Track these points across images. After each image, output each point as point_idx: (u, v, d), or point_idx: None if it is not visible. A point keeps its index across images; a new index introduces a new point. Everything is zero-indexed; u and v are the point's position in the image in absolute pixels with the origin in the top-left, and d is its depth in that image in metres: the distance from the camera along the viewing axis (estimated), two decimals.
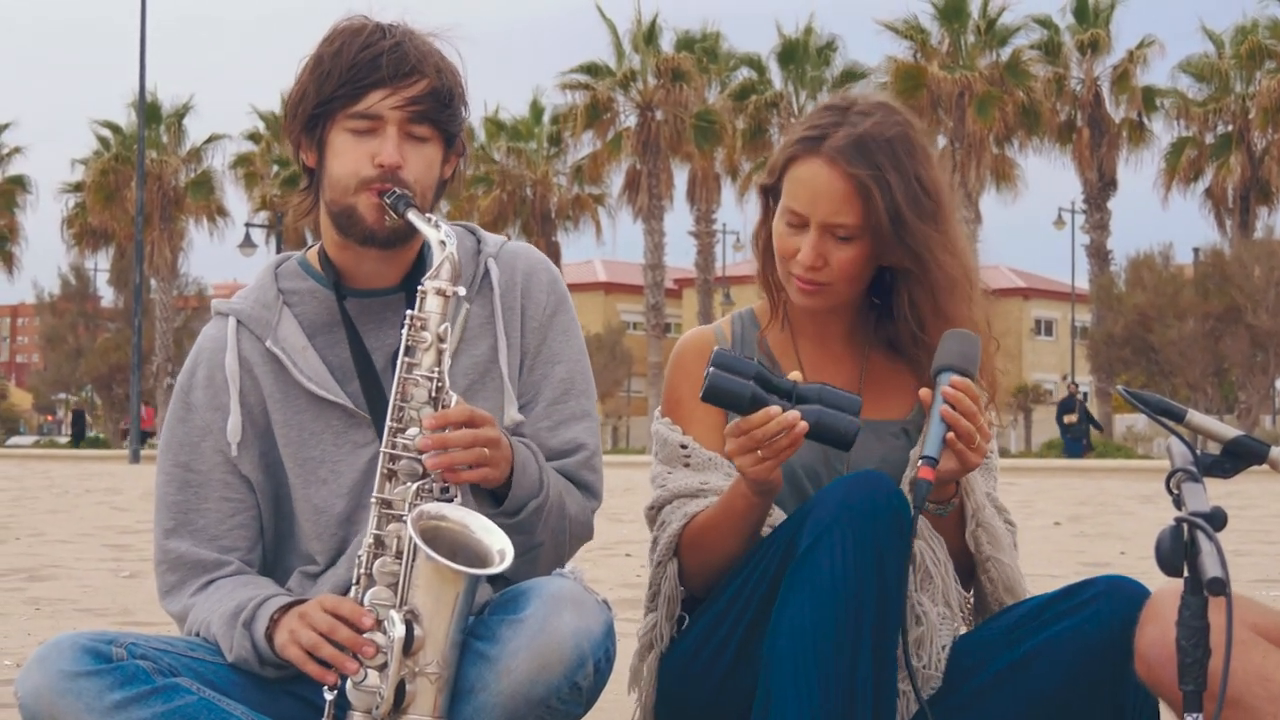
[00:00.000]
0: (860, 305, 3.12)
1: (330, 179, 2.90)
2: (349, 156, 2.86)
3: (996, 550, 3.02)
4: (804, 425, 2.75)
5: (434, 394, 2.74)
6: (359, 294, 2.98)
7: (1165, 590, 2.52)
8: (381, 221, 2.86)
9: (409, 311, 2.76)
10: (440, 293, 2.75)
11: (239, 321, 2.99)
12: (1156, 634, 2.49)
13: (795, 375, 2.83)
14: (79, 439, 55.66)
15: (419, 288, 2.76)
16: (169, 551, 2.95)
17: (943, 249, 2.98)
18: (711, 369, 2.76)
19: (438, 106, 2.88)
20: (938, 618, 2.97)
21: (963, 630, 3.04)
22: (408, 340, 2.75)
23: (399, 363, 2.75)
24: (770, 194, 3.08)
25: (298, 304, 3.00)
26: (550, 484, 2.89)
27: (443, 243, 2.76)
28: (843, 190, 2.94)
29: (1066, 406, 40.42)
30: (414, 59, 2.86)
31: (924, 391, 2.85)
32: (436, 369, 2.74)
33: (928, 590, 2.97)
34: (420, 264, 2.95)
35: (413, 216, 2.80)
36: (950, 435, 2.79)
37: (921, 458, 2.76)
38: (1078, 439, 39.50)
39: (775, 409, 2.76)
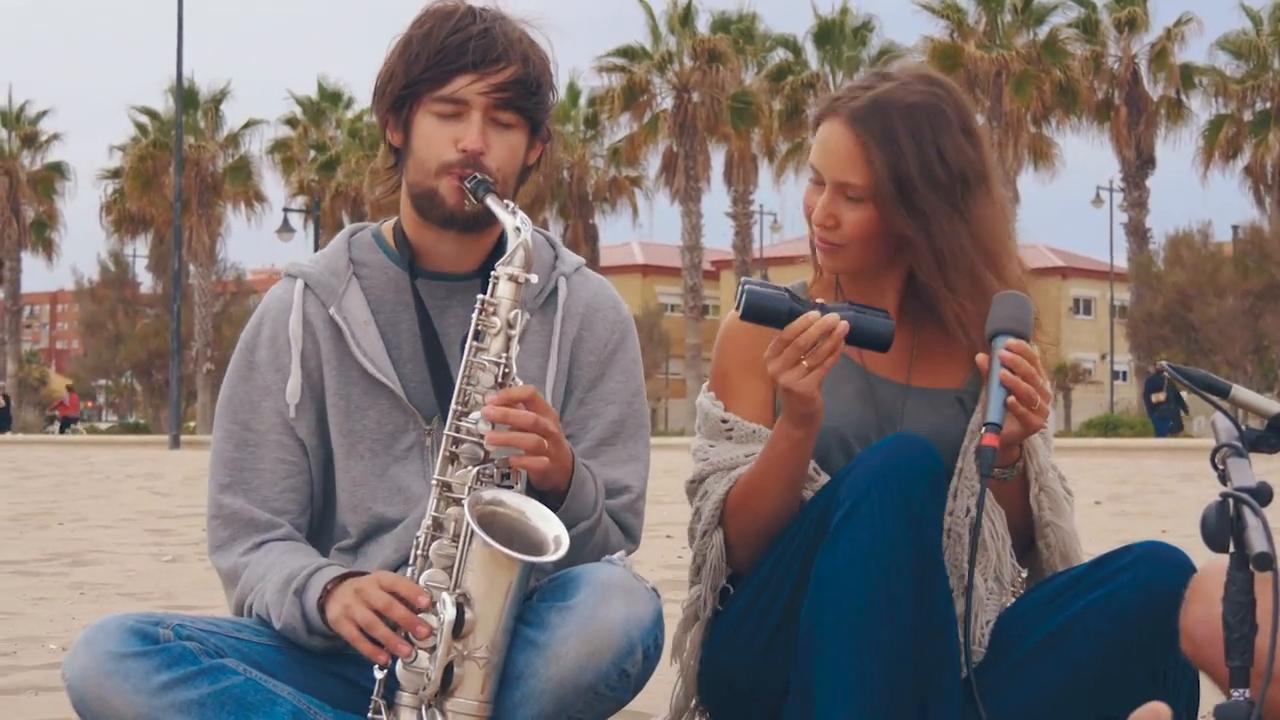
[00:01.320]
0: (910, 278, 3.09)
1: (414, 160, 2.90)
2: (433, 140, 2.86)
3: (1057, 516, 3.01)
4: (844, 325, 2.77)
5: (500, 379, 2.73)
6: (430, 275, 2.99)
7: (1209, 568, 2.51)
8: (461, 205, 2.86)
9: (480, 296, 2.76)
10: (513, 279, 2.75)
11: (306, 285, 2.99)
12: (1201, 613, 2.47)
13: (819, 301, 2.84)
14: (3, 425, 54.53)
15: (492, 273, 2.77)
16: (223, 506, 2.95)
17: (951, 221, 2.95)
18: (746, 287, 2.80)
19: (524, 94, 2.87)
20: (985, 592, 2.97)
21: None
22: (478, 324, 2.75)
23: (467, 346, 2.76)
24: None
25: (367, 276, 3.00)
26: (602, 511, 2.88)
27: (518, 229, 2.76)
28: (849, 150, 2.95)
29: (1154, 385, 39.42)
30: (502, 45, 2.86)
31: (980, 357, 2.84)
32: (504, 355, 2.74)
33: (980, 563, 2.97)
34: (497, 253, 2.94)
35: (491, 202, 2.80)
36: (1011, 399, 2.79)
37: (985, 424, 2.75)
38: (1165, 418, 38.79)
39: (814, 314, 2.78)
